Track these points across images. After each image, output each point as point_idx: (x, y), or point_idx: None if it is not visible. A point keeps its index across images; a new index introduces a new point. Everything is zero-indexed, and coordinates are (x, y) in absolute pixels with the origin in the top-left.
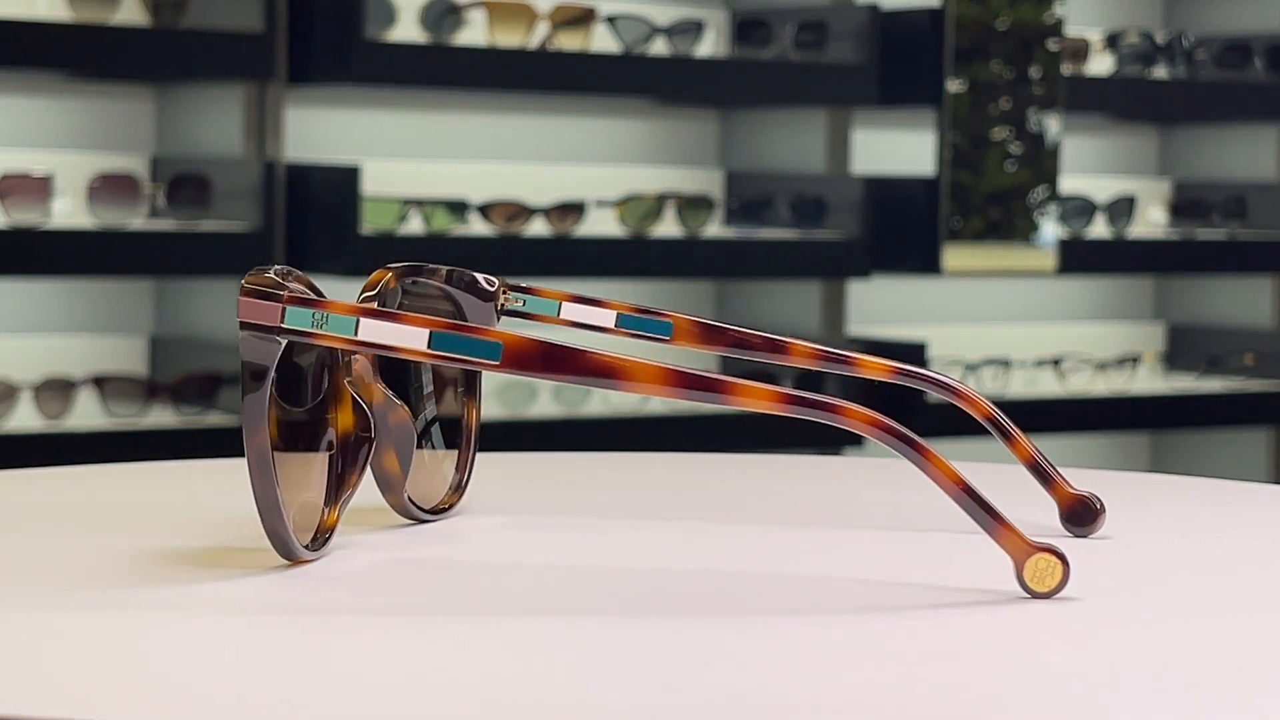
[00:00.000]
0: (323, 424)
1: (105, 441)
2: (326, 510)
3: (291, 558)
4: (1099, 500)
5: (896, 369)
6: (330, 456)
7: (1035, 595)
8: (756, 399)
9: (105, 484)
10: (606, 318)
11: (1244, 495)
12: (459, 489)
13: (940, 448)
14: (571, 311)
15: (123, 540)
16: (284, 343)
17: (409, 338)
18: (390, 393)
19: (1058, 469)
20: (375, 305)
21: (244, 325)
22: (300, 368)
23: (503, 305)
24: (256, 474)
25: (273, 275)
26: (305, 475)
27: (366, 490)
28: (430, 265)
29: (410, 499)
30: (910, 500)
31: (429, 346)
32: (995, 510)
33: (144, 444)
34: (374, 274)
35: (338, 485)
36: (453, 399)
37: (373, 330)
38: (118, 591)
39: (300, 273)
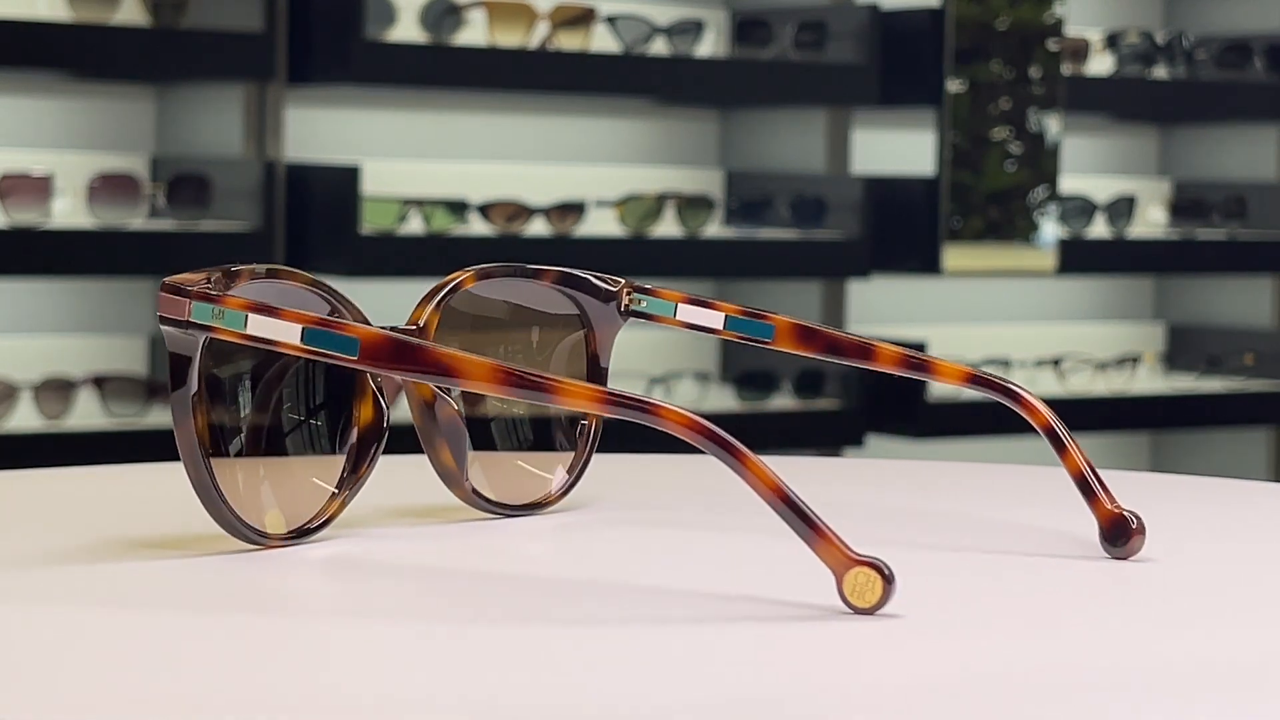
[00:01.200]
0: (343, 416)
1: (105, 441)
2: (329, 500)
3: (253, 542)
4: (1137, 518)
5: (970, 373)
6: (350, 446)
7: (856, 610)
8: (579, 399)
9: (95, 481)
10: (716, 319)
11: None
12: (561, 489)
13: (942, 448)
14: (686, 313)
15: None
16: (200, 336)
17: (285, 332)
18: (440, 389)
19: (1105, 485)
20: (434, 306)
21: (161, 320)
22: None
23: (626, 306)
24: (189, 463)
25: (202, 274)
26: (315, 464)
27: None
28: (530, 265)
29: (478, 491)
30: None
31: (301, 341)
32: (814, 520)
33: (144, 444)
34: (451, 275)
35: (349, 476)
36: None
37: (259, 325)
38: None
39: (299, 271)
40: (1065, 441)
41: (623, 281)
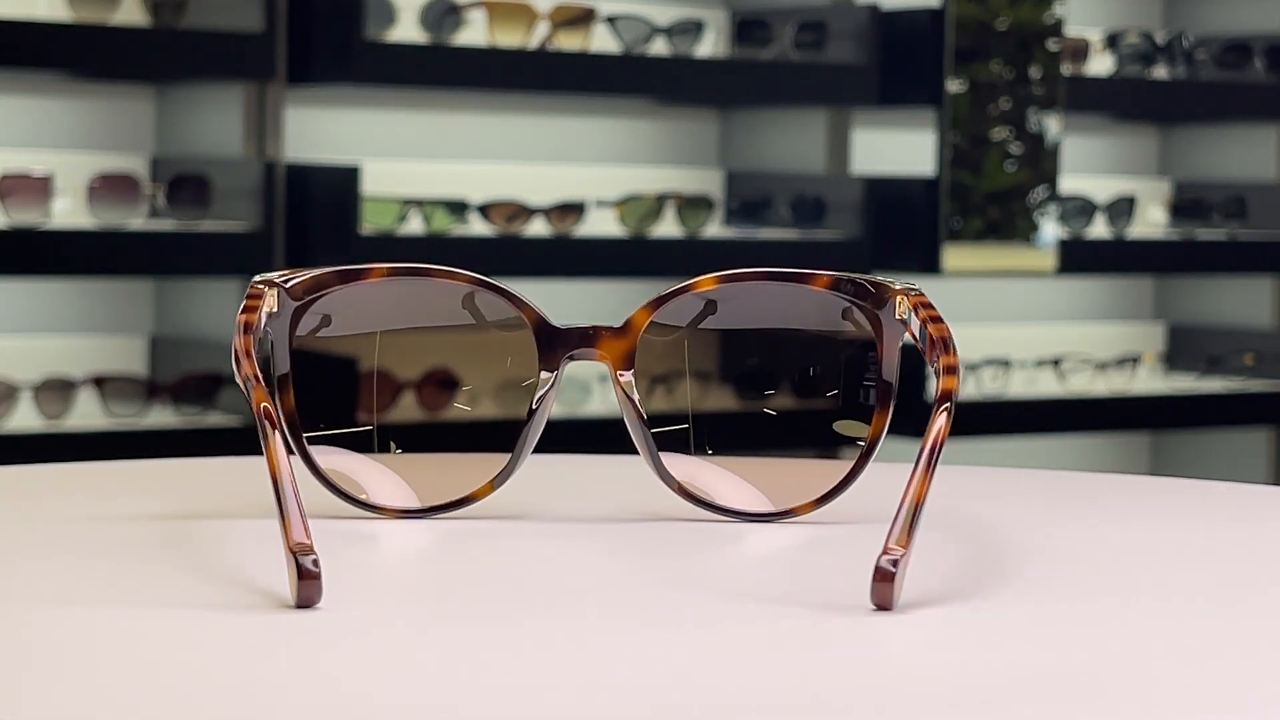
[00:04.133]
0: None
1: (105, 441)
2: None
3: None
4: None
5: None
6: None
7: (297, 604)
8: None
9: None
10: None
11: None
12: (814, 499)
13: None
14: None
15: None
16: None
17: None
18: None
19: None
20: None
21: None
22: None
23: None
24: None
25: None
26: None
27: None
28: (793, 270)
29: (692, 491)
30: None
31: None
32: (285, 507)
33: (144, 444)
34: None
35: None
36: (851, 405)
37: None
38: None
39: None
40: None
41: (900, 285)
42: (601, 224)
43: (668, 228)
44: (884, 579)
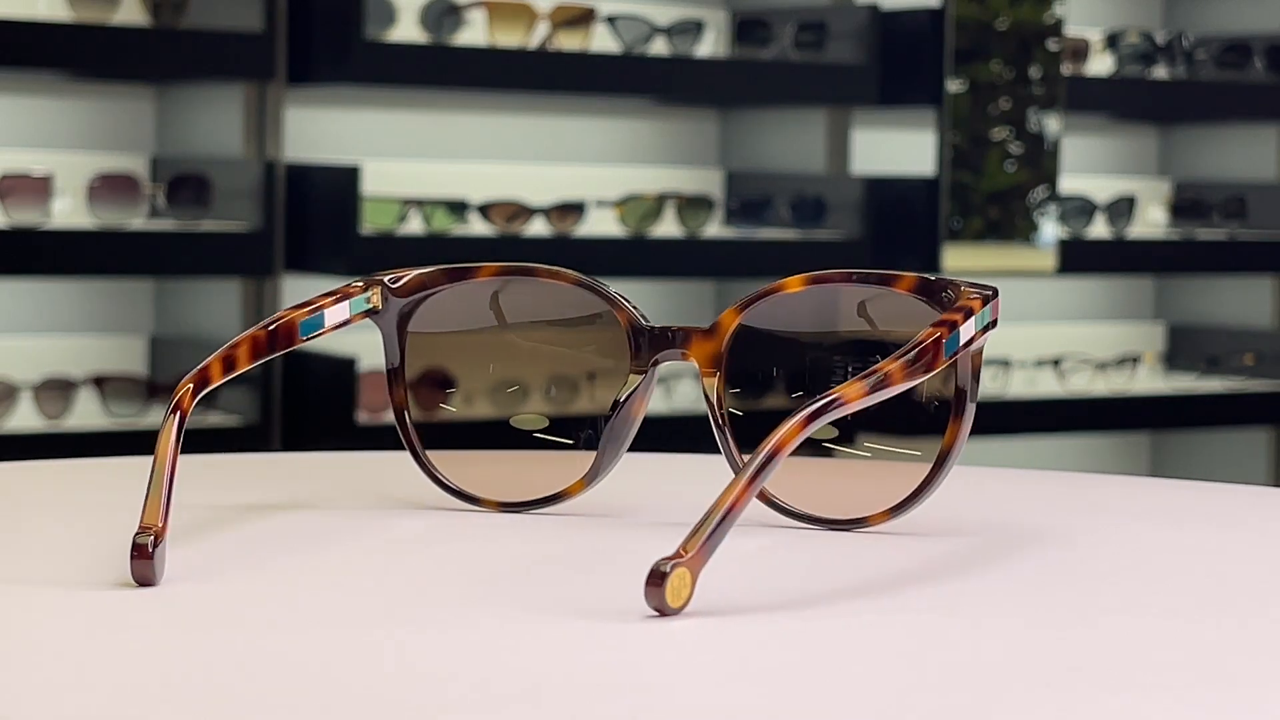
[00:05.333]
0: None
1: (105, 441)
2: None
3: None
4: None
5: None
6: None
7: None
8: None
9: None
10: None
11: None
12: (887, 509)
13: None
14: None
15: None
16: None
17: None
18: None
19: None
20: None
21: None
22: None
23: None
24: None
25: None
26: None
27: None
28: (878, 271)
29: (768, 495)
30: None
31: None
32: (150, 490)
33: (144, 444)
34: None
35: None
36: (925, 412)
37: None
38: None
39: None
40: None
41: (975, 289)
42: (601, 224)
43: (668, 228)
44: (654, 583)
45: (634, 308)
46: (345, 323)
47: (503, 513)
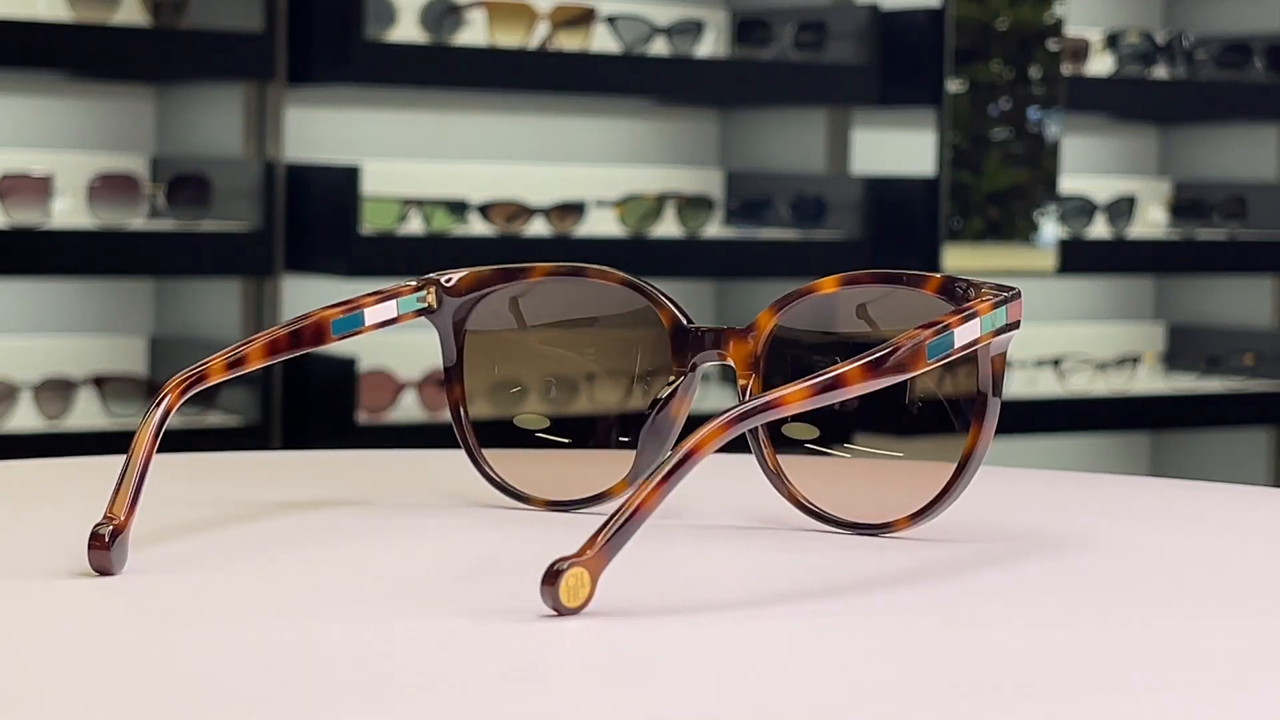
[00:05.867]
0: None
1: (105, 441)
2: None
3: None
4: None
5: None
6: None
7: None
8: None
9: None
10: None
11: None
12: (909, 515)
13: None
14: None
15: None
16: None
17: None
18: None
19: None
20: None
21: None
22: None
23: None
24: None
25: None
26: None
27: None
28: (911, 272)
29: (799, 498)
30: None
31: None
32: (121, 481)
33: None
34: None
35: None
36: (946, 416)
37: None
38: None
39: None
40: None
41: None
42: (601, 224)
43: (668, 228)
44: (548, 581)
45: (677, 308)
46: (391, 321)
47: (550, 511)
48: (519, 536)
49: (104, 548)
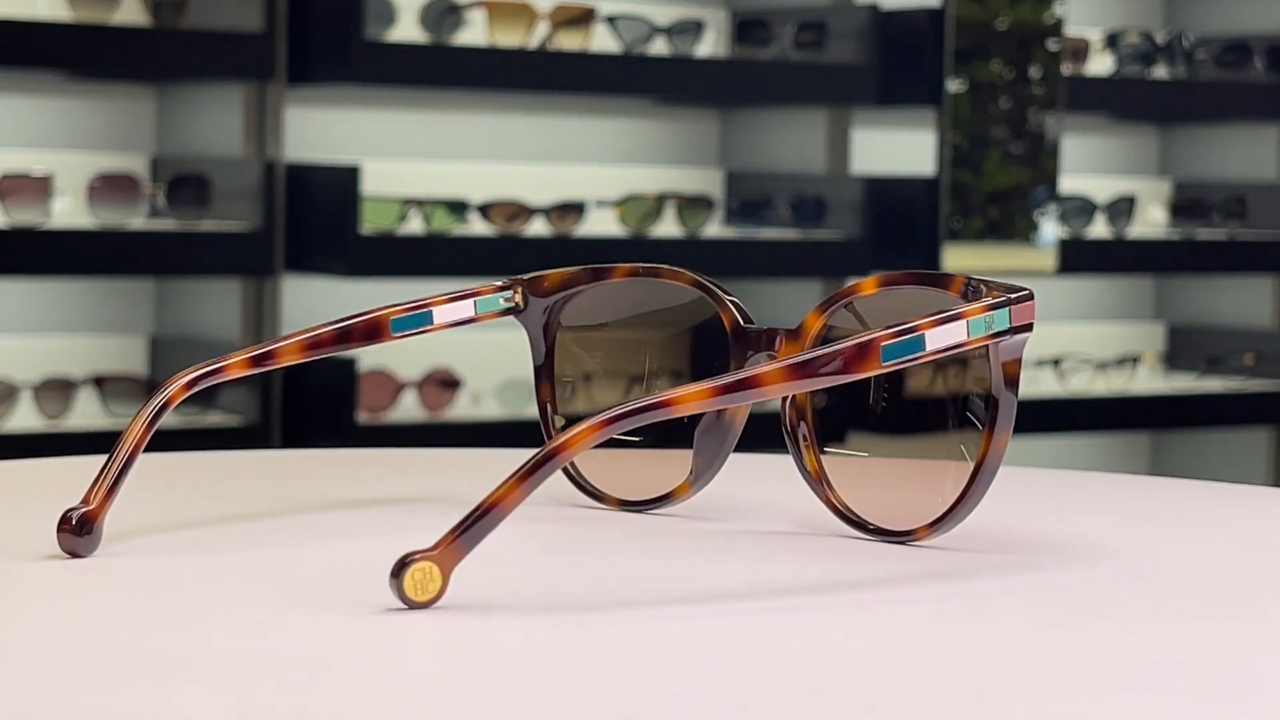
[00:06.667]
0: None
1: (105, 441)
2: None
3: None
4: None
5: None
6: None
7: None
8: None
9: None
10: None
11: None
12: (929, 523)
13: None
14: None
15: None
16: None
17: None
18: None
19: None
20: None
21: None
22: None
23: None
24: None
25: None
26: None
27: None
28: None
29: (834, 502)
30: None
31: None
32: (105, 469)
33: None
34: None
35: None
36: (963, 421)
37: None
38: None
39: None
40: None
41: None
42: (601, 224)
43: (668, 228)
44: (395, 574)
45: (737, 309)
46: (470, 320)
47: (622, 510)
48: (514, 535)
49: (70, 530)
